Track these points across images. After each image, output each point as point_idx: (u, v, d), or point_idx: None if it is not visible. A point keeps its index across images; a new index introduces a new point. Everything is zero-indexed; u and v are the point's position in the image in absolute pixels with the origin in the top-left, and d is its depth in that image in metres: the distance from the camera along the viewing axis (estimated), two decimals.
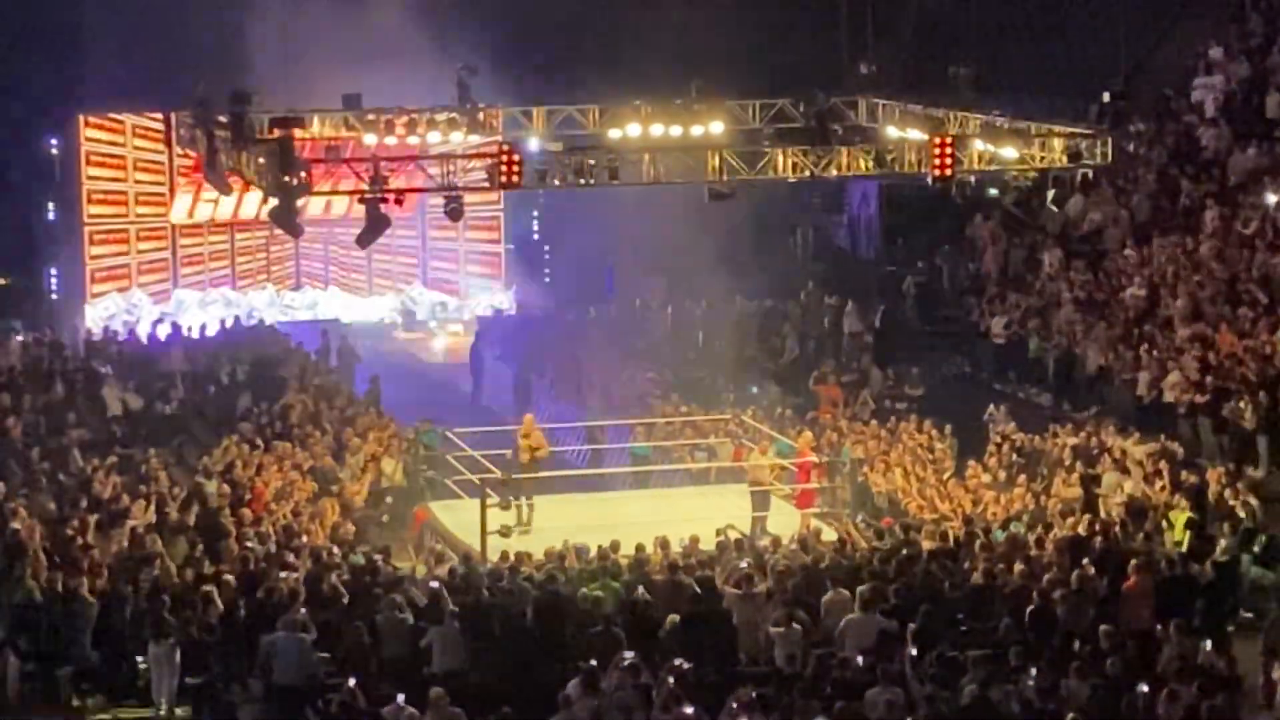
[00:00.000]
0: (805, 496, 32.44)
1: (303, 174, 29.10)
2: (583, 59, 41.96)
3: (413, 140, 34.45)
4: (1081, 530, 28.60)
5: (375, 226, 30.05)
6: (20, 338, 39.82)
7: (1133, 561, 26.48)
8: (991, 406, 36.37)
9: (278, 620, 24.64)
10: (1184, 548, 28.22)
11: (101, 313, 46.28)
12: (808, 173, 31.45)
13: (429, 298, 50.08)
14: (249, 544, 27.97)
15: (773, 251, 46.62)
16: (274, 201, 29.77)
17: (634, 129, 34.85)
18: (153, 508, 29.58)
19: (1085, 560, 26.98)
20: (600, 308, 46.58)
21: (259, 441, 33.85)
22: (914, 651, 24.30)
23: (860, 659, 24.00)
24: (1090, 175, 40.38)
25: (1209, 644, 23.81)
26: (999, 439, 34.66)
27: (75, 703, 25.41)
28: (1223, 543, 28.02)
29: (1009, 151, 32.40)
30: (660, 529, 28.65)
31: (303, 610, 25.04)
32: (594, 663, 23.05)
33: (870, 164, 31.87)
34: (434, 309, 49.91)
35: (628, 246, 46.32)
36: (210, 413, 36.35)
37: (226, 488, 31.18)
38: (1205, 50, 43.75)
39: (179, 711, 24.87)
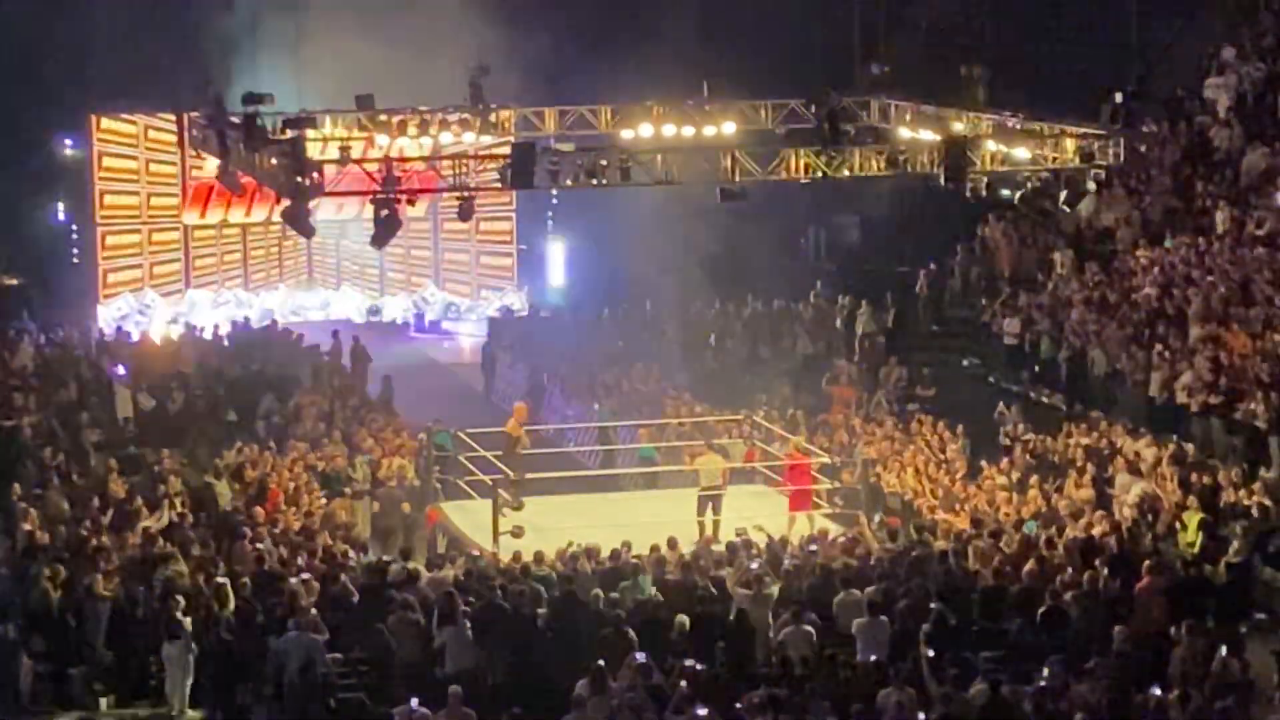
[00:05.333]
0: (798, 498, 32.41)
1: (315, 175, 29.12)
2: (595, 59, 41.94)
3: (425, 141, 34.46)
4: (1094, 531, 28.56)
5: (388, 227, 30.05)
6: (31, 337, 39.86)
7: (1145, 563, 26.43)
8: (1001, 405, 36.35)
9: (289, 621, 24.67)
10: (1196, 549, 28.16)
11: (114, 312, 46.38)
12: (819, 173, 31.41)
13: (441, 298, 50.17)
14: (261, 545, 27.99)
15: (784, 252, 46.62)
16: (286, 203, 29.79)
17: (646, 129, 34.87)
18: (166, 509, 29.62)
19: (1097, 561, 26.96)
20: (612, 308, 46.57)
21: (270, 443, 33.93)
22: (929, 653, 24.31)
23: (873, 659, 24.09)
24: (1103, 175, 40.32)
25: (1225, 649, 23.72)
26: (1008, 440, 34.64)
27: (88, 703, 25.44)
28: (1235, 544, 27.97)
29: (1021, 152, 32.36)
30: (669, 530, 28.70)
31: (314, 611, 25.08)
32: (602, 662, 23.06)
33: (882, 165, 31.83)
34: (445, 309, 50.00)
35: (639, 247, 46.32)
36: (222, 413, 36.38)
37: (239, 488, 31.29)
38: (1217, 50, 43.67)
39: (191, 712, 24.89)
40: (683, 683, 22.72)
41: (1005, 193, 39.33)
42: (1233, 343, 34.54)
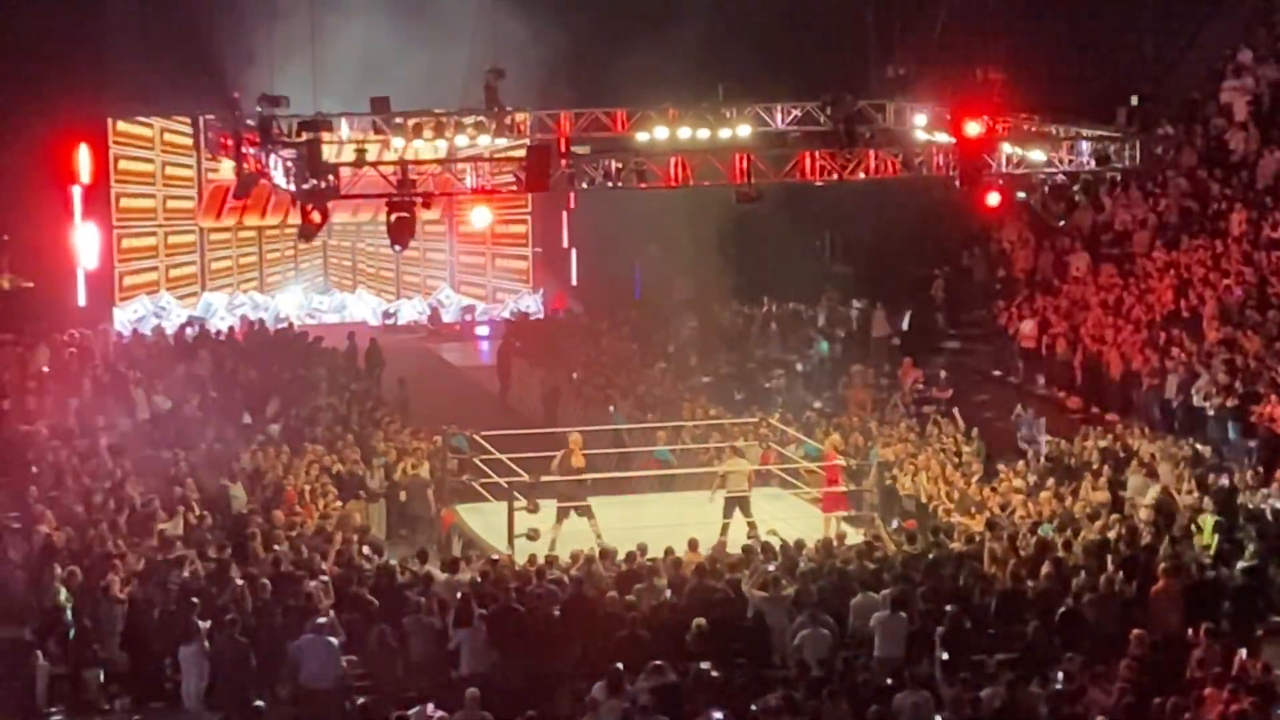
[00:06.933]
0: (831, 500, 32.36)
1: (330, 178, 29.14)
2: (610, 62, 41.90)
3: (441, 144, 34.50)
4: (1110, 534, 28.53)
5: (403, 230, 30.04)
6: (47, 340, 39.93)
7: (1161, 565, 26.41)
8: (1019, 407, 36.34)
9: (305, 623, 24.68)
10: (1212, 551, 28.16)
11: (130, 315, 46.45)
12: (835, 176, 31.42)
13: (457, 300, 50.21)
14: (278, 547, 27.99)
15: (800, 254, 46.61)
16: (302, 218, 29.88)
17: (661, 132, 34.88)
18: (182, 511, 29.63)
19: (1113, 564, 26.92)
20: (626, 310, 46.58)
21: (284, 446, 33.94)
22: (944, 656, 24.29)
23: (888, 667, 24.09)
24: (1118, 178, 40.33)
25: (1244, 651, 23.67)
26: (1025, 443, 34.61)
27: (104, 705, 25.46)
28: (1251, 547, 27.95)
29: (1037, 154, 32.34)
30: (685, 532, 28.72)
31: (330, 613, 25.08)
32: (620, 665, 23.05)
33: (898, 167, 31.83)
34: (461, 311, 50.06)
35: (655, 250, 46.32)
36: (239, 415, 36.40)
37: (254, 491, 31.33)
38: (1234, 53, 43.68)
39: (207, 714, 24.88)
40: (694, 686, 22.75)
41: (1021, 195, 39.35)
42: (1248, 346, 34.52)
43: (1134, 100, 33.18)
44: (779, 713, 21.83)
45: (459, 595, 25.66)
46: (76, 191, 45.82)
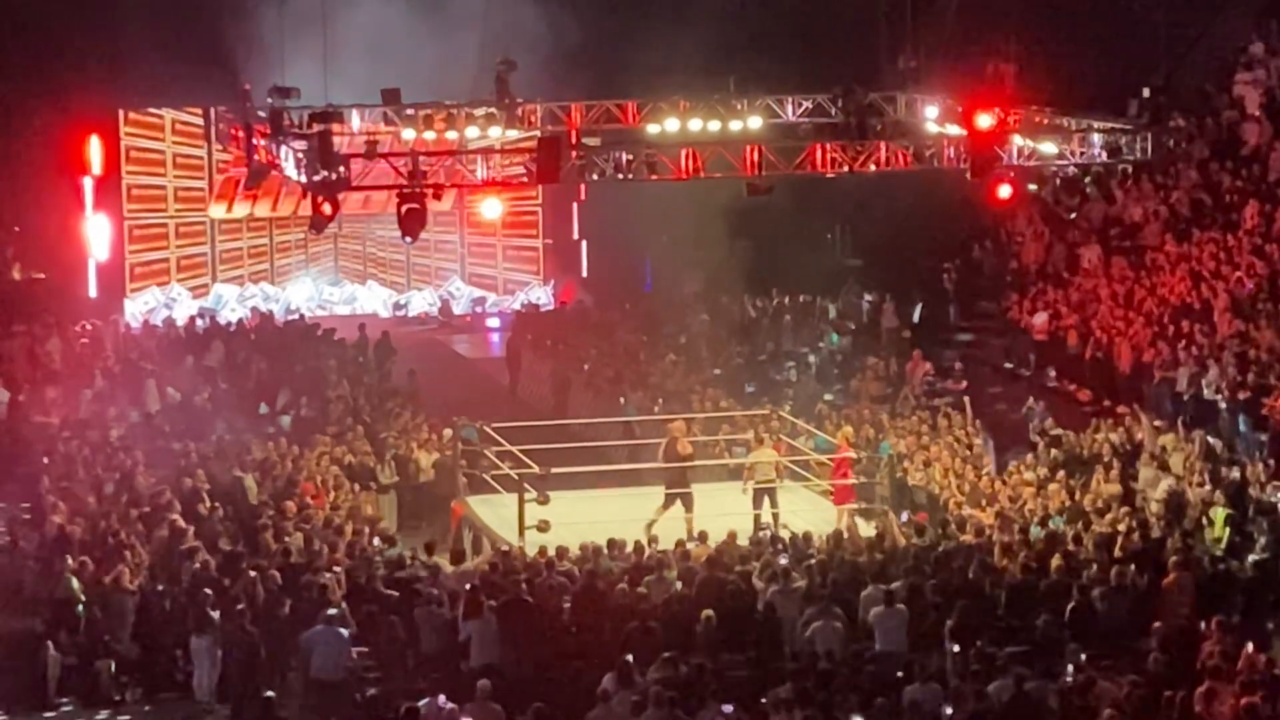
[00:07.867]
0: (842, 492, 32.33)
1: (341, 169, 29.15)
2: (621, 54, 41.91)
3: (451, 135, 34.50)
4: (1121, 527, 28.50)
5: (413, 221, 30.06)
6: (59, 331, 39.96)
7: (1172, 558, 26.39)
8: (1030, 400, 36.32)
9: (317, 615, 24.69)
10: (1223, 545, 28.14)
11: (141, 306, 46.49)
12: (846, 168, 31.40)
13: (468, 292, 50.23)
14: (288, 538, 28.01)
15: (810, 246, 46.60)
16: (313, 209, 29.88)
17: (672, 124, 34.87)
18: (194, 502, 29.65)
19: (1124, 557, 26.90)
20: (637, 302, 46.56)
21: (295, 437, 33.96)
22: (954, 648, 24.28)
23: (889, 661, 24.07)
24: (1130, 170, 40.24)
25: (1251, 645, 23.65)
26: (1036, 436, 34.58)
27: (115, 696, 25.50)
28: (1262, 539, 27.92)
29: (1048, 146, 32.30)
30: (695, 524, 28.67)
31: (341, 605, 25.10)
32: (630, 657, 23.05)
33: (909, 159, 31.81)
34: (471, 303, 50.08)
35: (665, 241, 46.28)
36: (250, 407, 36.43)
37: (266, 481, 31.36)
38: (1246, 46, 43.57)
39: (218, 706, 24.94)
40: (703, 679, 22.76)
41: (1032, 187, 39.28)
42: (1260, 339, 34.47)
43: (1145, 92, 33.12)
44: (790, 705, 21.83)
45: (469, 587, 25.66)
46: (88, 182, 45.85)
